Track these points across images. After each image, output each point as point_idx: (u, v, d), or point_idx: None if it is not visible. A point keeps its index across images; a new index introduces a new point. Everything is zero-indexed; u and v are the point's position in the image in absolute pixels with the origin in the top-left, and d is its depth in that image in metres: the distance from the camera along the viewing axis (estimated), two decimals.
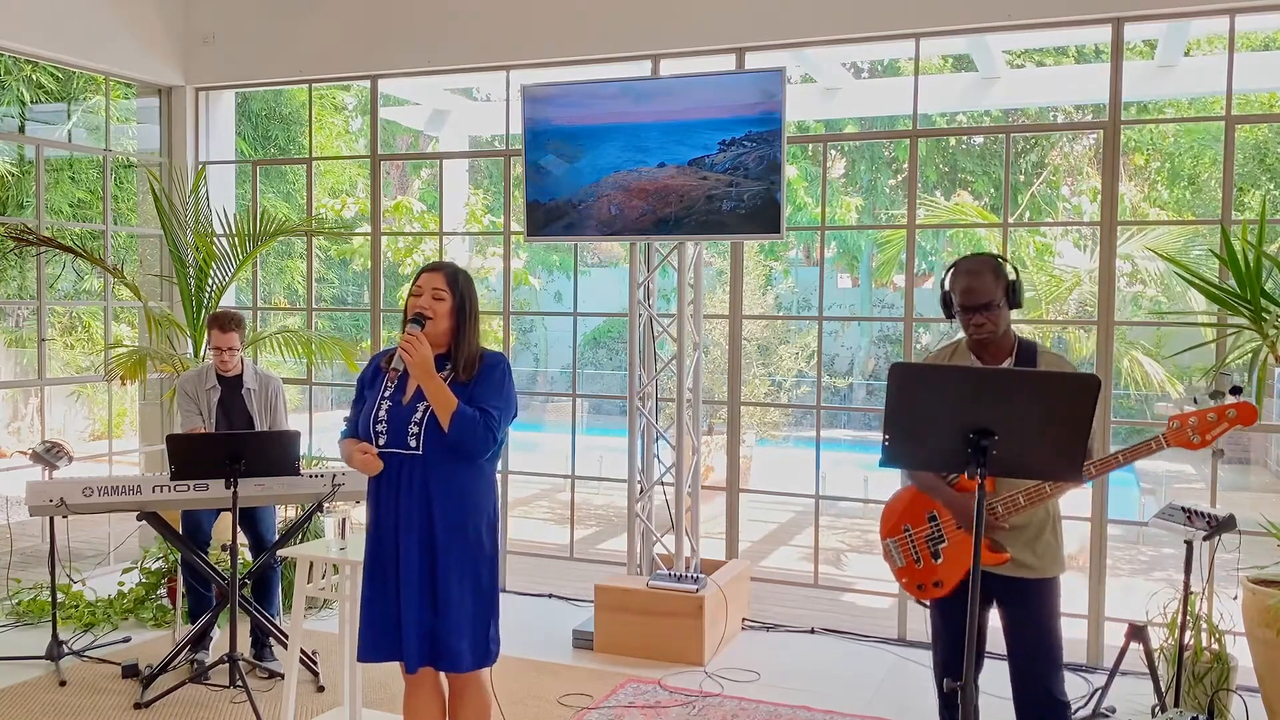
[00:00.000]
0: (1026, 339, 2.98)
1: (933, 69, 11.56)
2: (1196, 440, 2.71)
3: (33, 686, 4.45)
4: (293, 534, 4.49)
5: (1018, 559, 2.90)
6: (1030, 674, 2.92)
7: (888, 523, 3.13)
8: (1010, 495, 2.80)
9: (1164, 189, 13.18)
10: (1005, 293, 2.88)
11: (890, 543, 3.12)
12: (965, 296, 2.88)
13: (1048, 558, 2.93)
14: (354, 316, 14.31)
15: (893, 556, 3.11)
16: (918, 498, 3.05)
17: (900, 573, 3.10)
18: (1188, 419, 2.72)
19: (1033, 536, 2.92)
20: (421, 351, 2.84)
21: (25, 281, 12.30)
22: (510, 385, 3.01)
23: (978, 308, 2.86)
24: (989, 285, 2.86)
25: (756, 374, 11.89)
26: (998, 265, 2.92)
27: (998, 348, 2.94)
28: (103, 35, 6.09)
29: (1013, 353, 2.94)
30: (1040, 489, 2.78)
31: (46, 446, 4.72)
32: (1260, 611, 3.93)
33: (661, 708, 4.27)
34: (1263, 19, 6.74)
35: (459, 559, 2.94)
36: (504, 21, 5.80)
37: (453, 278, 2.98)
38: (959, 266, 2.96)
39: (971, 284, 2.88)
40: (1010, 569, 2.90)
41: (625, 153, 4.89)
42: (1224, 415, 2.68)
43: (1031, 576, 2.91)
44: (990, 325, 2.87)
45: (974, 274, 2.89)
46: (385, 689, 4.45)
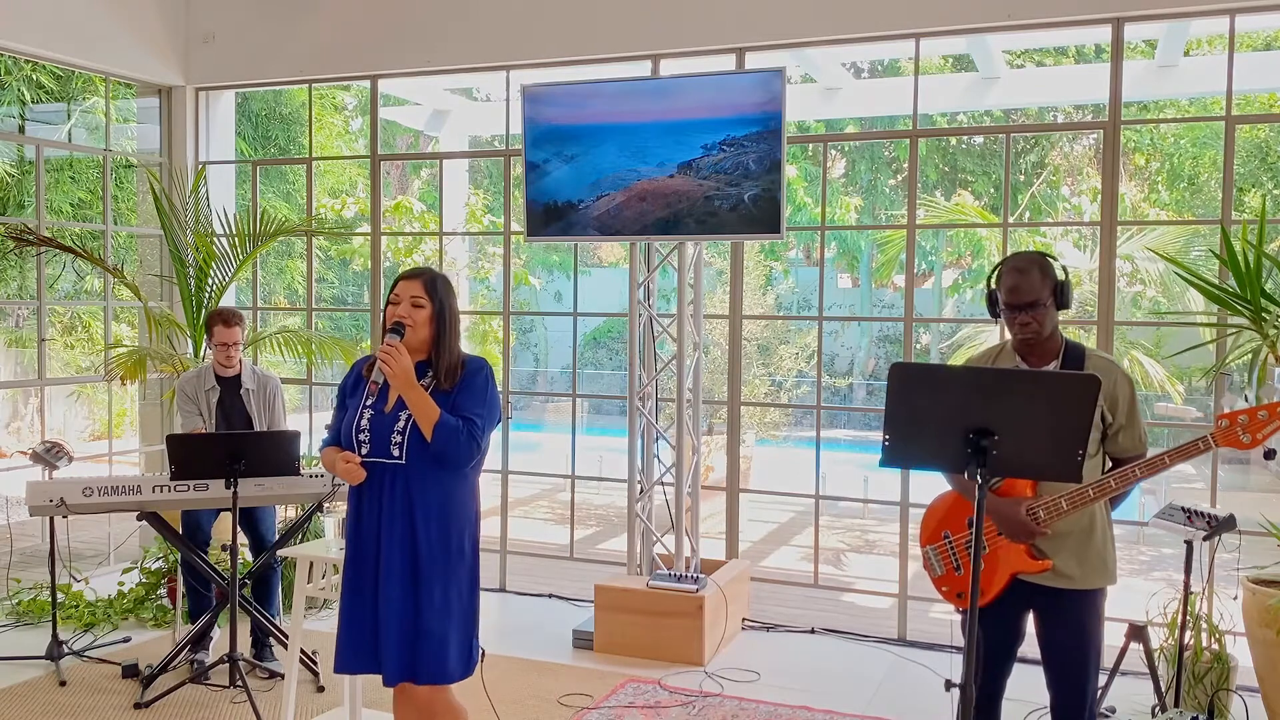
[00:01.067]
0: (1075, 342, 2.86)
1: (933, 69, 11.56)
2: (1247, 439, 2.60)
3: (33, 686, 4.45)
4: (293, 534, 4.49)
5: (1060, 569, 2.79)
6: (1067, 688, 2.84)
7: (927, 529, 3.02)
8: (1053, 500, 2.70)
9: (1164, 189, 13.18)
10: (1053, 292, 2.77)
11: (930, 550, 3.00)
12: (1011, 295, 2.77)
13: (1093, 568, 2.81)
14: (354, 316, 14.30)
15: (932, 564, 3.00)
16: (958, 503, 2.95)
17: (939, 581, 2.99)
18: (1237, 417, 2.61)
19: (1079, 545, 2.80)
20: (401, 362, 2.80)
21: (25, 281, 12.30)
22: (493, 391, 2.96)
23: (1023, 306, 2.75)
24: (1035, 284, 2.75)
25: (756, 374, 11.89)
26: (1045, 263, 2.81)
27: (1044, 349, 2.83)
28: (103, 35, 6.10)
29: (1059, 355, 2.83)
30: (1083, 493, 2.67)
31: (46, 446, 4.72)
32: (1260, 611, 3.93)
33: (661, 708, 4.27)
34: (1263, 19, 6.74)
35: (442, 569, 2.90)
36: (504, 21, 5.80)
37: (430, 284, 2.93)
38: (1007, 264, 2.84)
39: (1018, 282, 2.77)
40: (1050, 578, 2.80)
41: (625, 153, 4.89)
42: (1275, 413, 2.57)
43: (1072, 587, 2.80)
44: (1036, 325, 2.76)
45: (1021, 272, 2.77)
46: (385, 689, 4.44)
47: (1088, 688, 2.84)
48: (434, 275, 2.97)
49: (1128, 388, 2.82)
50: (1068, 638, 2.84)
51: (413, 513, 2.89)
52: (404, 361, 2.81)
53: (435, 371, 2.92)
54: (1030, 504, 2.74)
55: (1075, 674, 2.83)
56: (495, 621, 5.45)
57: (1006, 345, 2.93)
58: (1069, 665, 2.84)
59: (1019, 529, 2.74)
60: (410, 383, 2.82)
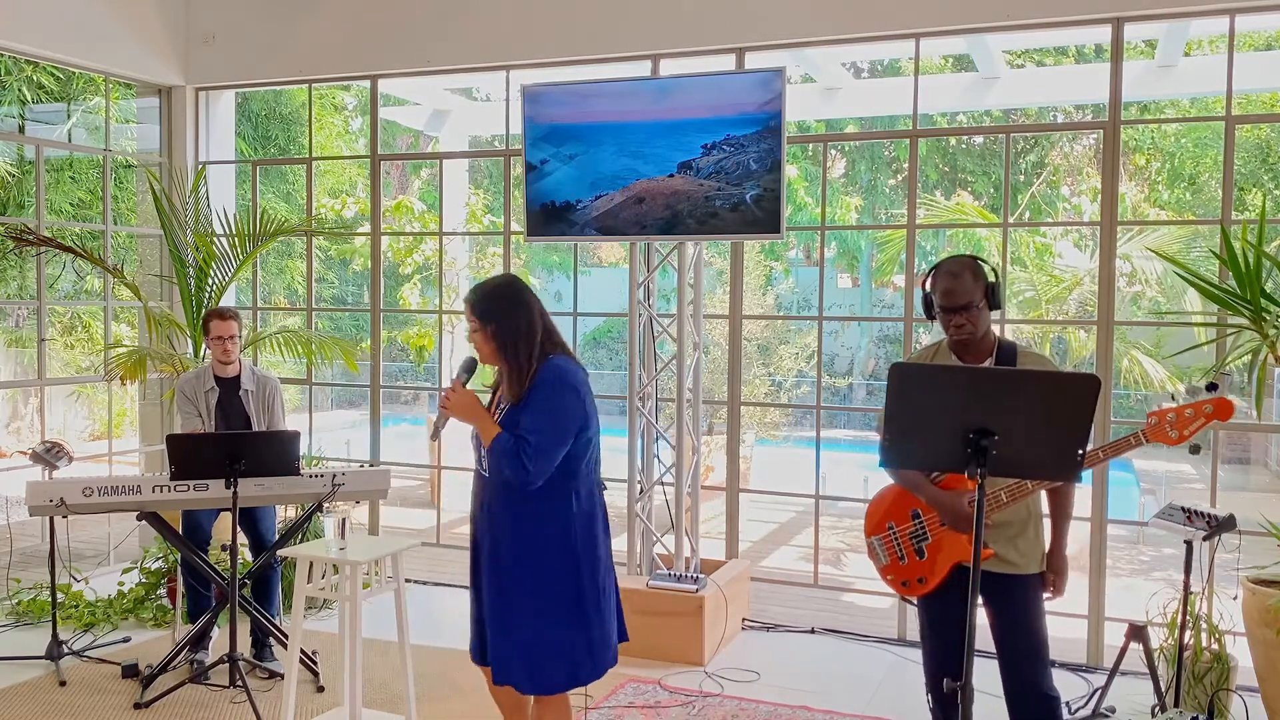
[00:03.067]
0: (1007, 340, 3.03)
1: (933, 69, 11.56)
2: (1174, 435, 2.75)
3: (33, 686, 4.45)
4: (293, 534, 4.49)
5: (1001, 555, 2.95)
6: (1019, 669, 2.96)
7: (871, 521, 3.18)
8: (993, 493, 2.84)
9: (1164, 189, 13.18)
10: (985, 294, 2.93)
11: (875, 540, 3.16)
12: (945, 298, 2.92)
13: (1029, 554, 2.98)
14: (354, 316, 14.31)
15: (877, 554, 3.16)
16: (901, 496, 3.09)
17: (885, 570, 3.15)
18: (1165, 414, 2.76)
19: (1015, 533, 2.97)
20: (457, 400, 2.88)
21: (25, 281, 12.30)
22: (561, 401, 2.84)
23: (957, 309, 2.90)
24: (968, 286, 2.90)
25: (756, 374, 11.89)
26: (977, 267, 2.96)
27: (978, 348, 2.98)
28: (103, 35, 6.10)
29: (993, 353, 2.98)
30: (1022, 486, 2.83)
31: (46, 446, 4.72)
32: (1260, 611, 3.93)
33: (661, 708, 4.27)
34: (1263, 19, 6.73)
35: (523, 583, 2.89)
36: (504, 21, 5.80)
37: (474, 306, 2.90)
38: (939, 268, 2.99)
39: (951, 285, 2.92)
40: (994, 565, 2.94)
41: (625, 152, 4.89)
42: (1200, 411, 2.72)
43: (1014, 573, 2.96)
44: (970, 326, 2.92)
45: (953, 275, 2.93)
46: (385, 689, 4.45)
47: (1040, 671, 2.95)
48: (479, 293, 2.93)
49: None
50: (1014, 619, 2.97)
51: (495, 526, 2.94)
52: (460, 398, 2.88)
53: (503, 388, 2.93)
54: (971, 496, 2.83)
55: (1030, 652, 2.96)
56: None
57: (942, 344, 3.07)
58: (1023, 645, 2.97)
59: (962, 519, 2.87)
60: (471, 414, 2.89)
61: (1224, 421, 2.74)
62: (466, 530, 3.15)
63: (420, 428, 11.99)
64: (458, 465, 7.46)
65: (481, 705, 4.31)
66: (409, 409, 15.60)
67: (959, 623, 2.96)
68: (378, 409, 6.58)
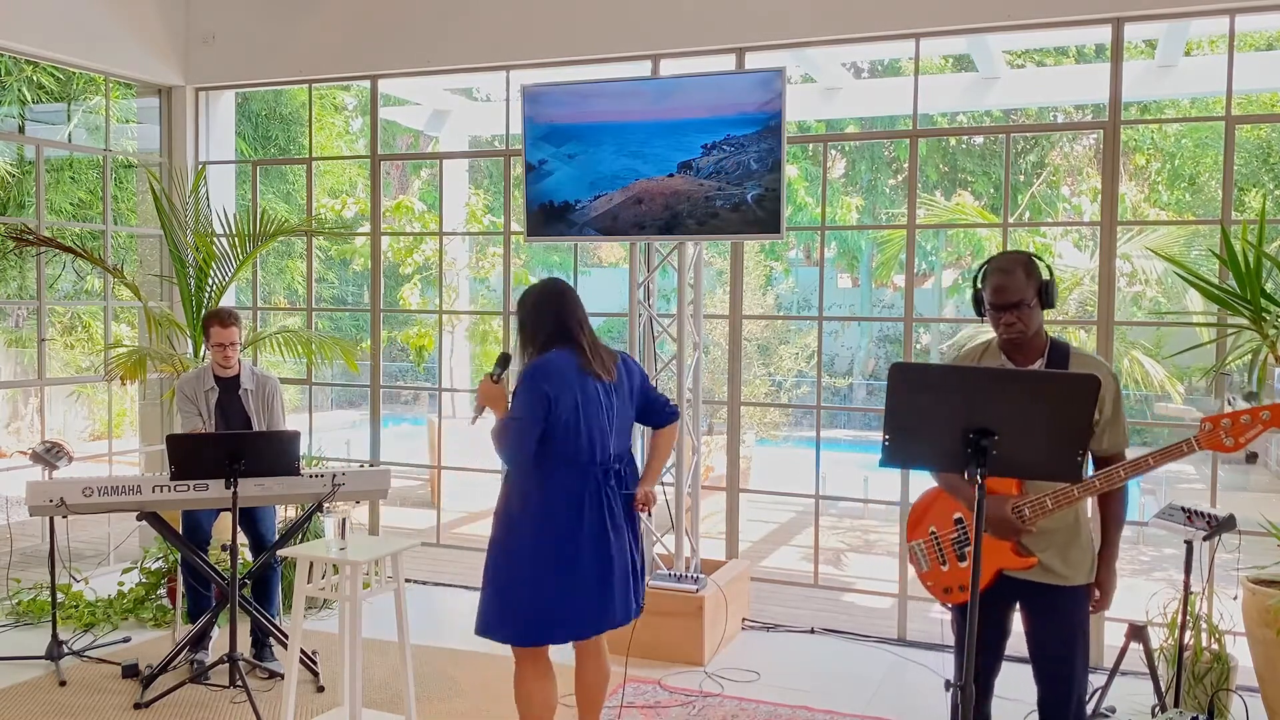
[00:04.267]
0: (1060, 340, 2.89)
1: (933, 69, 11.56)
2: (1230, 443, 2.61)
3: (33, 686, 4.45)
4: (293, 534, 4.49)
5: (1046, 564, 2.83)
6: (1053, 683, 2.87)
7: (913, 525, 3.07)
8: (1038, 498, 2.73)
9: (1164, 189, 13.18)
10: (1038, 292, 2.79)
11: (915, 545, 3.05)
12: (996, 295, 2.79)
13: (1078, 565, 2.86)
14: (354, 316, 14.31)
15: (918, 559, 3.05)
16: (943, 500, 2.98)
17: (925, 576, 3.04)
18: (1220, 420, 2.62)
19: (1064, 543, 2.84)
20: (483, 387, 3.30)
21: (25, 281, 12.30)
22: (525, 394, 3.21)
23: (1008, 306, 2.77)
24: (1020, 284, 2.77)
25: (756, 374, 11.89)
26: (1030, 263, 2.82)
27: (1030, 348, 2.85)
28: (103, 35, 6.10)
29: (1044, 354, 2.85)
30: (1067, 492, 2.70)
31: (46, 446, 4.72)
32: (1260, 611, 3.93)
33: (661, 708, 4.27)
34: (1263, 19, 6.74)
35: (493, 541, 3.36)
36: (504, 21, 5.80)
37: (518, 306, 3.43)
38: (991, 264, 2.86)
39: (1002, 282, 2.78)
40: (1037, 574, 2.83)
41: (625, 152, 4.89)
42: (1258, 417, 2.58)
43: (1060, 584, 2.84)
44: (1021, 325, 2.78)
45: (1005, 272, 2.79)
46: (385, 689, 4.45)
47: (1074, 683, 2.87)
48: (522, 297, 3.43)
49: (1113, 385, 2.84)
50: (1054, 633, 2.87)
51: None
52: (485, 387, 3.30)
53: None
54: (1016, 501, 2.76)
55: (1061, 669, 2.87)
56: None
57: (992, 343, 2.95)
58: (1055, 661, 2.87)
59: (1004, 526, 2.77)
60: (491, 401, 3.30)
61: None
62: (466, 530, 3.21)
63: (420, 428, 12.00)
64: (458, 465, 7.47)
65: (482, 705, 4.31)
66: (409, 409, 15.60)
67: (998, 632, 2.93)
68: (378, 409, 6.58)
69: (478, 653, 4.91)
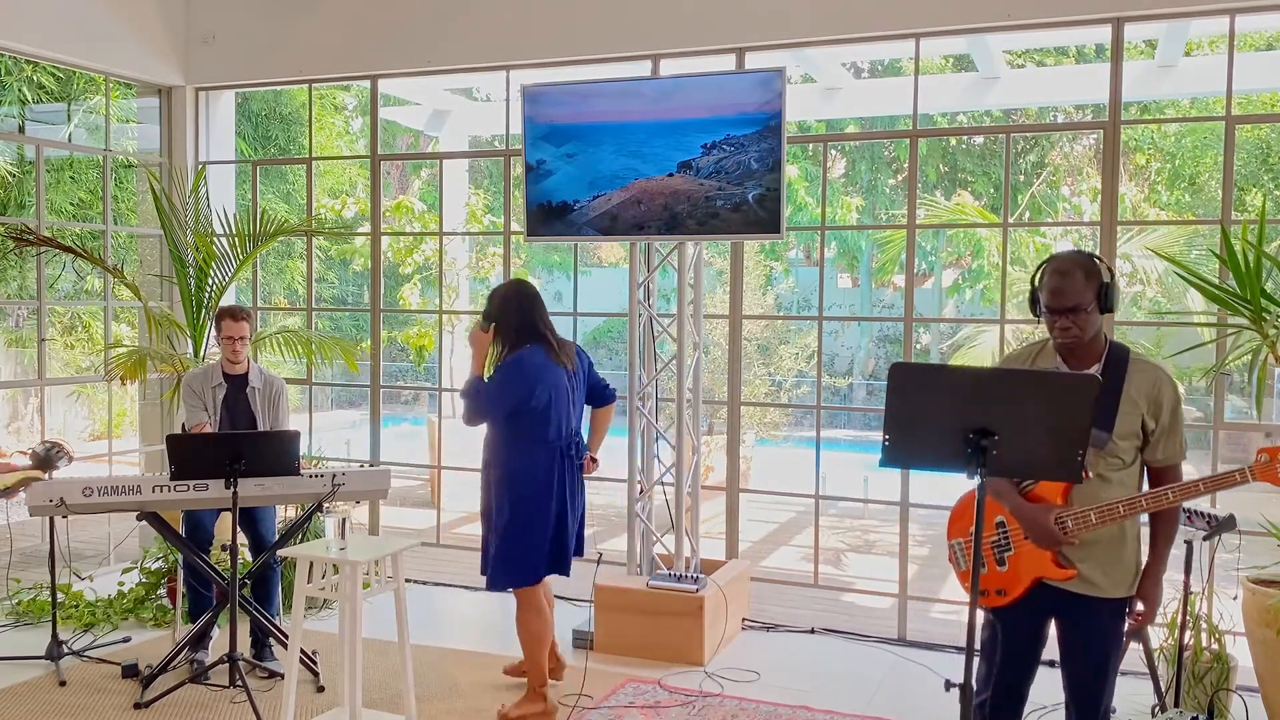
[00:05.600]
0: (1119, 343, 2.79)
1: (933, 69, 11.56)
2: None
3: (33, 686, 4.45)
4: (293, 534, 4.49)
5: (1086, 576, 2.78)
6: (1081, 695, 2.84)
7: (955, 524, 3.02)
8: (1082, 512, 2.69)
9: (1164, 189, 13.18)
10: (1097, 295, 2.69)
11: (956, 544, 3.01)
12: (1052, 298, 2.70)
13: (1119, 578, 2.80)
14: (354, 316, 14.31)
15: (958, 560, 3.01)
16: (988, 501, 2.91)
17: (963, 576, 3.00)
18: (1278, 453, 2.57)
19: (1106, 556, 2.79)
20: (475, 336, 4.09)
21: (25, 281, 12.30)
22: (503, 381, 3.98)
23: (1064, 310, 2.69)
24: (1078, 287, 2.67)
25: (756, 374, 11.88)
26: (1091, 265, 2.72)
27: (1086, 351, 2.77)
28: (103, 35, 6.10)
29: (1102, 358, 2.76)
30: (1114, 509, 2.67)
31: (46, 446, 4.72)
32: (1260, 611, 3.93)
33: (661, 708, 4.27)
34: (1263, 19, 6.73)
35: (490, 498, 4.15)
36: (504, 21, 5.80)
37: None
38: (1050, 264, 2.77)
39: (1059, 284, 2.69)
40: (1076, 585, 2.79)
41: (625, 152, 4.89)
42: None
43: (1096, 595, 2.79)
44: (1076, 330, 2.70)
45: (1063, 274, 2.70)
46: (385, 689, 4.45)
47: (1104, 694, 2.84)
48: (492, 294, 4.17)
49: (1172, 393, 2.75)
50: (1088, 644, 2.83)
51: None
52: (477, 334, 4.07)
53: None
54: (1059, 513, 2.72)
55: (1092, 680, 2.83)
56: (495, 621, 5.45)
57: (1048, 345, 2.86)
58: (1086, 671, 2.83)
59: (1046, 536, 2.73)
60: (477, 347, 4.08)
61: None
62: (466, 530, 3.21)
63: (420, 428, 12.00)
64: (458, 465, 7.46)
65: (481, 705, 4.31)
66: (409, 409, 15.60)
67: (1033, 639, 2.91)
68: (378, 409, 6.58)
69: (478, 653, 4.91)
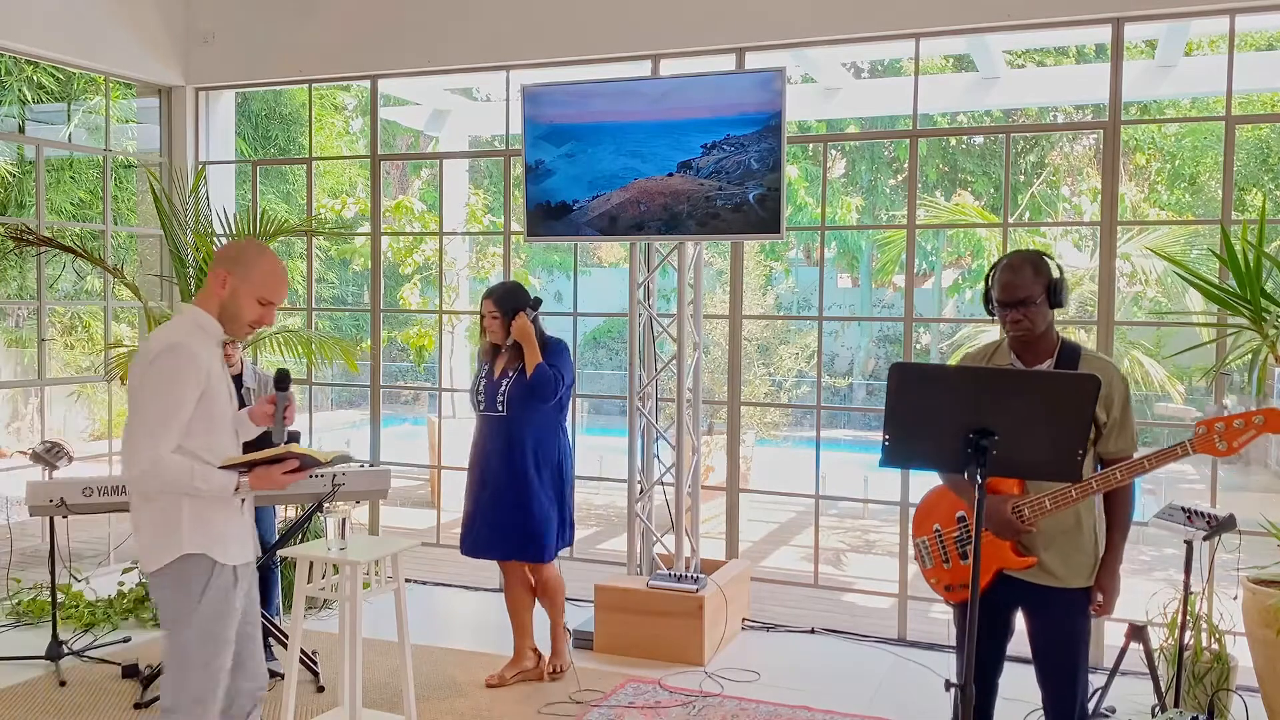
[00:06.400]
0: (1070, 341, 2.89)
1: (933, 69, 11.56)
2: (1223, 447, 2.64)
3: (33, 686, 4.45)
4: (293, 534, 4.49)
5: (1046, 566, 2.83)
6: (1054, 686, 2.88)
7: (919, 522, 3.09)
8: (1037, 499, 2.74)
9: (1164, 189, 13.18)
10: (1046, 290, 2.81)
11: (920, 542, 3.07)
12: (1003, 291, 2.82)
13: (1078, 567, 2.85)
14: (354, 316, 14.31)
15: (922, 557, 3.07)
16: (948, 498, 3.00)
17: (929, 573, 3.06)
18: (1214, 424, 2.64)
19: (1065, 545, 2.84)
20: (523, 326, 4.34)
21: (25, 281, 12.30)
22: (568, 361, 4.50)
23: (1014, 303, 2.80)
24: (1027, 280, 2.80)
25: (757, 374, 11.89)
26: (1040, 261, 2.85)
27: (1038, 348, 2.86)
28: (103, 35, 6.09)
29: (1054, 354, 2.86)
30: (1066, 493, 2.72)
31: (46, 446, 4.72)
32: (1260, 611, 3.93)
33: (661, 708, 4.27)
34: (1263, 19, 6.73)
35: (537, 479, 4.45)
36: (504, 21, 5.80)
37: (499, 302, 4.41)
38: (1001, 262, 2.89)
39: (1010, 279, 2.82)
40: (1036, 576, 2.84)
41: (625, 152, 4.89)
42: (1251, 422, 2.61)
43: (1057, 585, 2.84)
44: (1027, 322, 2.80)
45: (1014, 269, 2.83)
46: (385, 689, 4.45)
47: (1077, 684, 2.88)
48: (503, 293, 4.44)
49: (1123, 388, 2.84)
50: (1054, 635, 2.88)
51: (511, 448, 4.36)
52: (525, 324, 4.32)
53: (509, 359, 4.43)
54: (1016, 501, 2.77)
55: (1063, 671, 2.88)
56: (495, 621, 5.45)
57: (1003, 343, 2.96)
58: (1056, 662, 2.89)
59: (1004, 526, 2.78)
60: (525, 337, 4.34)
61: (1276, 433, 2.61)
62: None
63: (420, 428, 12.00)
64: (458, 465, 7.45)
65: (481, 705, 4.31)
66: (409, 409, 15.60)
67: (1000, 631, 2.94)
68: (378, 409, 6.58)
69: (478, 653, 4.92)
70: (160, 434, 2.65)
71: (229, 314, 2.83)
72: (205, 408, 2.73)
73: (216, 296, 2.82)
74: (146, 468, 2.63)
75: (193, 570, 2.73)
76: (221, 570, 2.77)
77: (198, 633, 2.73)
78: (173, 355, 2.68)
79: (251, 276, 2.83)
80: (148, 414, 2.67)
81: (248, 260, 2.84)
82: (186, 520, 2.73)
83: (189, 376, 2.68)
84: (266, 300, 2.86)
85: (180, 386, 2.67)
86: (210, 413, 2.75)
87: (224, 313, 2.83)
